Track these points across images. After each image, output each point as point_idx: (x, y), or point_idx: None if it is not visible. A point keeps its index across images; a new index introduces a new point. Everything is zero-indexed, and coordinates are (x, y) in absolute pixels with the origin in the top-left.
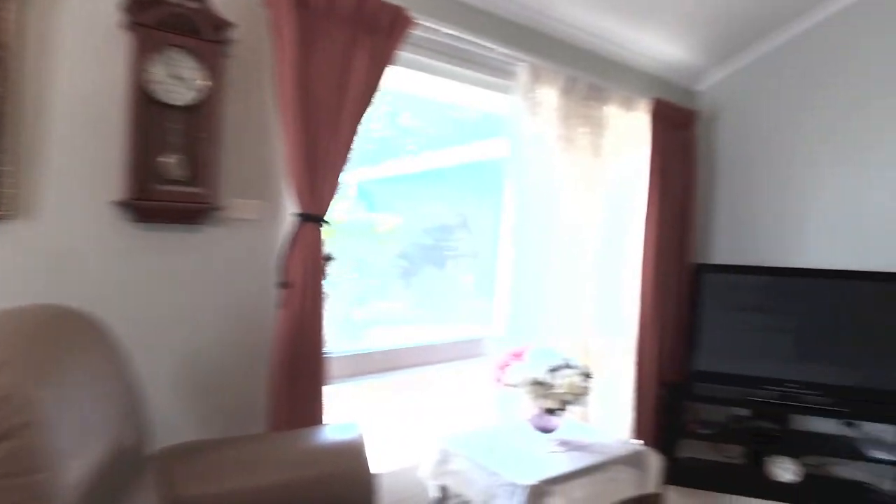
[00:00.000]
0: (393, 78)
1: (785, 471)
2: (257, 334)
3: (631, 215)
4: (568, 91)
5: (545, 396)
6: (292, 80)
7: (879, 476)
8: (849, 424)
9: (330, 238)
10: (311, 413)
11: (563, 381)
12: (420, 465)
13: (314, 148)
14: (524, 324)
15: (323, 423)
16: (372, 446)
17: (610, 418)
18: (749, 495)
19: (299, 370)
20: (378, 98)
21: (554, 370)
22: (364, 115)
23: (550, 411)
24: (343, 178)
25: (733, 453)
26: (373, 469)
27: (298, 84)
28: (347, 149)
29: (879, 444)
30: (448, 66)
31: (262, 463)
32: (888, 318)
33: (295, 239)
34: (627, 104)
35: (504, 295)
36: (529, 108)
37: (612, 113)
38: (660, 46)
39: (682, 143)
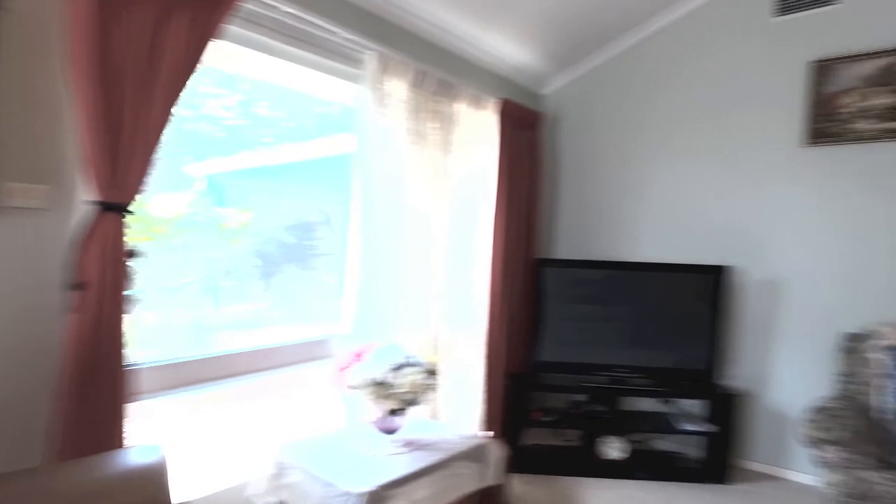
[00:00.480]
0: (241, 62)
1: (614, 449)
2: (41, 344)
3: (480, 211)
4: (418, 85)
5: (387, 397)
6: (88, 47)
7: (689, 445)
8: (666, 402)
9: (145, 233)
10: (108, 436)
11: (405, 380)
12: (251, 483)
13: (116, 127)
14: (372, 322)
15: (124, 447)
16: (184, 468)
17: (461, 411)
18: (583, 475)
19: (95, 386)
20: (214, 79)
21: (396, 369)
22: (181, 92)
23: (393, 412)
24: (155, 162)
25: (572, 437)
26: (178, 496)
27: (96, 52)
28: (160, 130)
29: (689, 417)
30: (289, 48)
31: (36, 502)
32: (698, 306)
33: (91, 232)
34: (476, 102)
35: (352, 293)
36: (378, 99)
37: (462, 110)
38: (507, 49)
39: (528, 144)
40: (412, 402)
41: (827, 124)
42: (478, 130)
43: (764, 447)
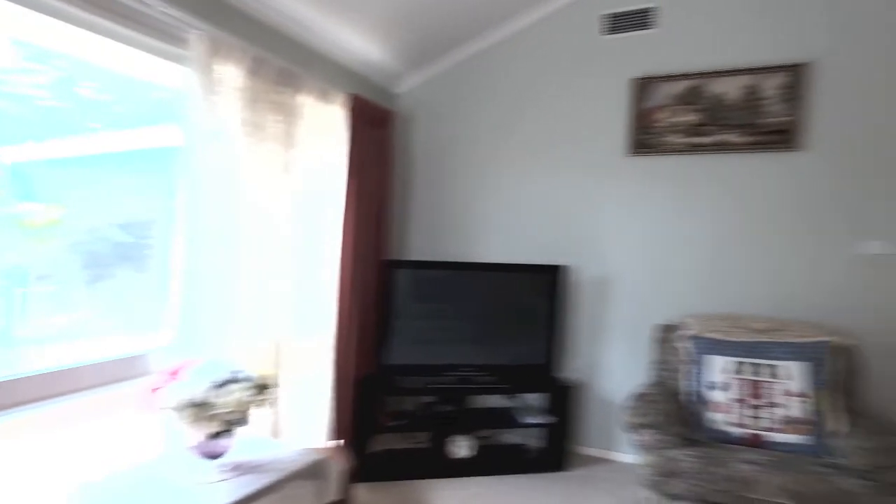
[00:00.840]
0: (51, 34)
1: (462, 448)
2: None
3: (328, 210)
4: (255, 72)
5: (208, 419)
6: None
7: (532, 437)
8: (511, 397)
9: None
10: None
11: (230, 398)
12: None
13: None
14: (198, 333)
15: None
16: None
17: (308, 422)
18: (433, 477)
19: None
20: (24, 52)
21: (219, 387)
22: None
23: (217, 434)
24: None
25: (422, 439)
26: None
27: None
28: None
29: (532, 410)
30: (93, 17)
31: None
32: (538, 304)
33: None
34: (324, 96)
35: (176, 300)
36: (208, 86)
37: (308, 103)
38: (359, 44)
39: (379, 142)
40: (239, 422)
41: (645, 136)
42: (325, 125)
43: (597, 433)
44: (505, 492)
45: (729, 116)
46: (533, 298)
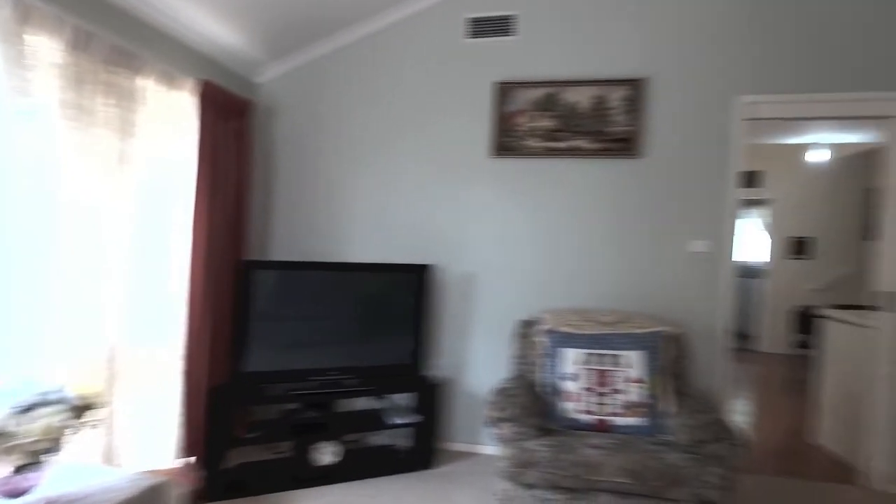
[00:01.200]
0: None
1: (326, 454)
2: None
3: (176, 207)
4: (80, 48)
5: (7, 451)
6: None
7: (400, 437)
8: (379, 399)
9: None
10: None
11: (34, 425)
12: None
13: None
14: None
15: None
16: None
17: (153, 441)
18: (296, 488)
19: None
20: None
21: (22, 412)
22: None
23: (21, 468)
24: None
25: (285, 449)
26: None
27: None
28: None
29: (400, 410)
30: None
31: None
32: (405, 303)
33: None
34: (170, 80)
35: None
36: (15, 58)
37: (150, 87)
38: (213, 26)
39: (236, 134)
40: (49, 452)
41: (507, 139)
42: (172, 113)
43: (464, 428)
44: (368, 495)
45: (581, 124)
46: (400, 298)
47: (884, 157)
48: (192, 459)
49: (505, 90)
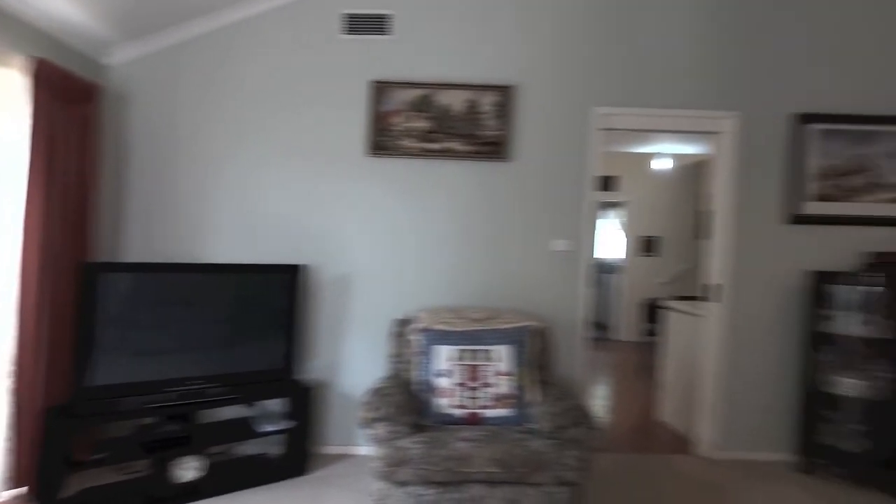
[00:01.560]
0: None
1: (188, 469)
2: None
3: (1, 202)
4: None
5: None
6: None
7: (273, 445)
8: (249, 406)
9: None
10: None
11: None
12: None
13: None
14: None
15: None
16: None
17: None
18: None
19: None
20: None
21: None
22: None
23: None
24: None
25: (140, 468)
26: None
27: None
28: None
29: (272, 417)
30: None
31: None
32: (276, 306)
33: None
34: None
35: None
36: None
37: None
38: None
39: (80, 121)
40: None
41: (383, 139)
42: None
43: (339, 430)
44: None
45: (454, 126)
46: (270, 300)
47: (712, 167)
48: (24, 490)
49: (380, 89)
